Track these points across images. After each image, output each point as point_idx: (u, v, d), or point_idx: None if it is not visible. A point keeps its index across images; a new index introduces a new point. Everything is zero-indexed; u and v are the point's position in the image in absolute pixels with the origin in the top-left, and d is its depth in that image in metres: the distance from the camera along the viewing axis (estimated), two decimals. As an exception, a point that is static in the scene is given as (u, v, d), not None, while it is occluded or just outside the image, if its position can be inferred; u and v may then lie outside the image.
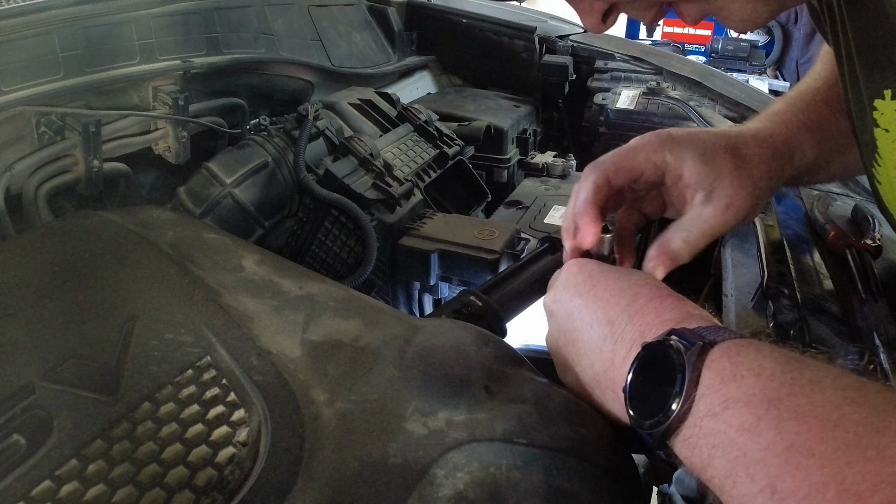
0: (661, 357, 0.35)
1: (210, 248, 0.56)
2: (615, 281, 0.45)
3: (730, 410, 0.31)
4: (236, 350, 0.43)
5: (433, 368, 0.43)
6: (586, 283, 0.46)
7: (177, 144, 0.87)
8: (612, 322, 0.41)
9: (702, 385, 0.33)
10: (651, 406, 0.35)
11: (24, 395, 0.38)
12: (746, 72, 3.17)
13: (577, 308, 0.45)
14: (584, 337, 0.43)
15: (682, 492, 0.53)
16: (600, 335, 0.42)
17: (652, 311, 0.40)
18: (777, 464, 0.27)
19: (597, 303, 0.43)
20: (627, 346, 0.39)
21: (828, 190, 0.87)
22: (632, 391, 0.37)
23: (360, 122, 0.96)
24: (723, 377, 0.32)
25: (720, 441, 0.30)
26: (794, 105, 0.58)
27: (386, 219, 0.79)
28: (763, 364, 0.32)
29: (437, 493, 0.35)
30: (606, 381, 0.41)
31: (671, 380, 0.34)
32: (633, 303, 0.41)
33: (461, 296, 0.56)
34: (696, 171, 0.49)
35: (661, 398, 0.34)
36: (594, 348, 0.42)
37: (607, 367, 0.41)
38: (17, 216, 0.72)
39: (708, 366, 0.33)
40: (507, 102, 1.32)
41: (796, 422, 0.28)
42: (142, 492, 0.33)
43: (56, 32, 0.76)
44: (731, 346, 0.34)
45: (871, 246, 0.64)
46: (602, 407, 0.42)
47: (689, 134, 0.51)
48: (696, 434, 0.32)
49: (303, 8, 1.17)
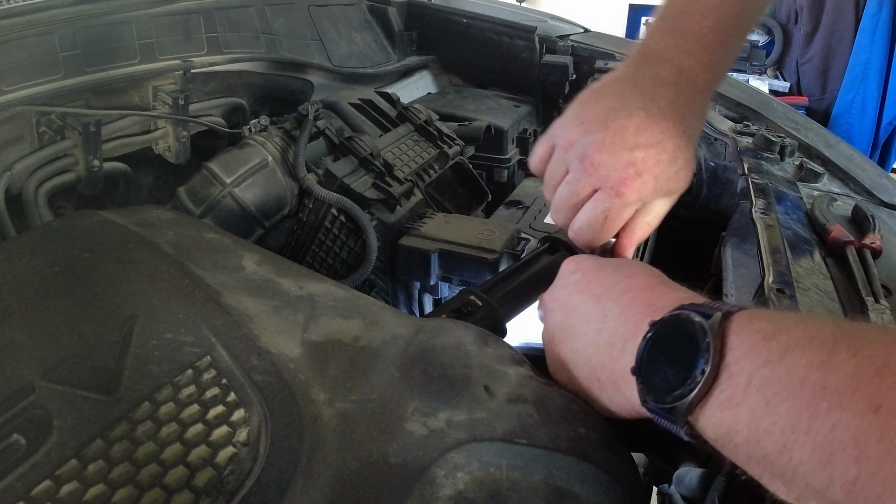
0: (674, 332, 0.35)
1: (210, 247, 0.56)
2: (609, 276, 0.45)
3: (791, 356, 0.29)
4: (236, 350, 0.43)
5: (433, 368, 0.43)
6: (582, 281, 0.46)
7: (177, 144, 0.87)
8: (605, 316, 0.42)
9: (734, 348, 0.31)
10: (666, 383, 0.34)
11: (24, 395, 0.38)
12: (746, 72, 3.17)
13: (573, 306, 0.45)
14: (580, 333, 0.43)
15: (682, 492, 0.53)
16: (595, 329, 0.42)
17: (643, 302, 0.40)
18: (874, 383, 0.26)
19: (591, 299, 0.44)
20: (623, 337, 0.39)
21: (828, 190, 0.87)
22: (642, 372, 0.36)
23: (361, 121, 0.96)
24: (765, 333, 0.31)
25: (784, 385, 0.28)
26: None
27: (386, 219, 0.79)
28: (798, 318, 0.31)
29: (437, 493, 0.34)
30: (605, 374, 0.41)
31: (690, 351, 0.32)
32: (623, 295, 0.42)
33: (461, 295, 0.56)
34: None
35: (679, 373, 0.33)
36: (590, 343, 0.42)
37: (604, 360, 0.41)
38: (17, 216, 0.72)
39: (737, 330, 0.32)
40: (507, 102, 1.32)
41: (875, 347, 0.27)
42: (141, 492, 0.33)
43: (56, 32, 0.76)
44: (754, 312, 0.33)
45: (871, 246, 0.64)
46: (600, 401, 0.42)
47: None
48: (739, 393, 0.30)
49: (303, 7, 1.17)
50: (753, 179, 0.84)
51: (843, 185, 0.91)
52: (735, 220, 0.79)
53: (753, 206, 0.75)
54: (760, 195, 0.79)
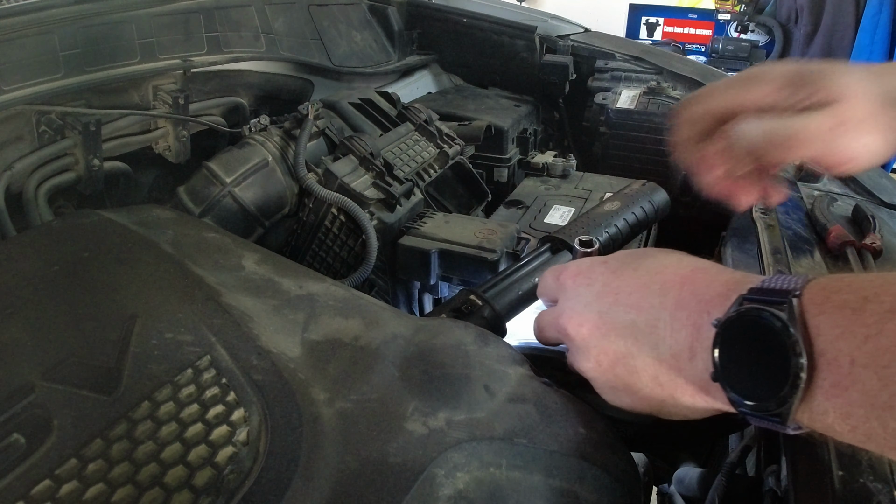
0: (748, 330, 0.32)
1: (210, 247, 0.56)
2: (633, 277, 0.41)
3: (891, 322, 0.27)
4: (236, 349, 0.43)
5: (433, 368, 0.43)
6: (606, 293, 0.42)
7: (177, 143, 0.87)
8: (655, 325, 0.38)
9: (823, 331, 0.30)
10: (761, 388, 0.31)
11: (23, 395, 0.38)
12: (747, 72, 3.17)
13: (611, 324, 0.40)
14: (632, 352, 0.39)
15: (682, 492, 0.53)
16: (649, 344, 0.38)
17: (690, 298, 0.37)
18: None
19: (629, 310, 0.40)
20: (686, 344, 0.36)
21: (828, 190, 0.87)
22: (725, 379, 0.33)
23: (361, 121, 0.96)
24: (851, 306, 0.29)
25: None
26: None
27: (386, 218, 0.79)
28: (873, 280, 0.30)
29: (437, 492, 0.34)
30: (678, 387, 0.37)
31: (776, 349, 0.30)
32: (664, 297, 0.38)
33: (461, 295, 0.56)
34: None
35: (772, 375, 0.31)
36: (650, 360, 0.38)
37: (673, 373, 0.37)
38: (18, 215, 0.72)
39: (817, 310, 0.30)
40: (507, 102, 1.32)
41: None
42: (141, 491, 0.33)
43: (56, 31, 0.76)
44: (823, 284, 0.31)
45: (871, 246, 0.64)
46: (678, 412, 0.39)
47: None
48: (845, 376, 0.29)
49: (303, 7, 1.17)
50: (753, 179, 0.84)
51: (844, 185, 0.91)
52: (735, 220, 0.79)
53: (754, 206, 0.75)
54: (760, 195, 0.79)
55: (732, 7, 3.35)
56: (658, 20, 3.56)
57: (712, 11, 3.42)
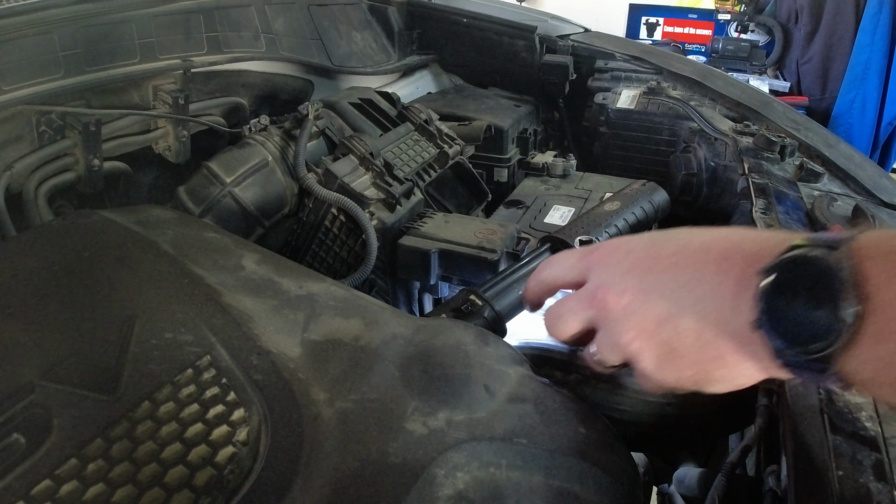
0: (798, 273, 0.31)
1: (210, 247, 0.56)
2: (669, 243, 0.40)
3: None
4: (236, 349, 0.43)
5: (433, 368, 0.43)
6: (642, 260, 0.40)
7: (177, 143, 0.87)
8: (699, 280, 0.37)
9: (872, 276, 0.29)
10: (807, 332, 0.31)
11: (23, 394, 0.38)
12: (747, 72, 3.16)
13: (650, 288, 0.39)
14: (675, 311, 0.38)
15: (682, 492, 0.53)
16: (692, 300, 0.37)
17: (735, 252, 0.36)
18: None
19: (668, 272, 0.39)
20: (729, 294, 0.35)
21: (828, 190, 0.87)
22: (769, 324, 0.32)
23: (361, 121, 0.96)
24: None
25: None
26: None
27: (386, 218, 0.79)
28: None
29: (437, 492, 0.34)
30: (723, 342, 0.36)
31: (827, 291, 0.30)
32: (706, 253, 0.37)
33: (461, 295, 0.56)
34: None
35: (821, 317, 0.30)
36: (693, 317, 0.37)
37: (717, 328, 0.36)
38: (18, 215, 0.72)
39: (868, 255, 0.29)
40: (507, 102, 1.32)
41: None
42: (141, 491, 0.33)
43: (56, 31, 0.76)
44: (871, 234, 0.31)
45: (871, 246, 0.64)
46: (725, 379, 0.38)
47: None
48: (891, 317, 0.28)
49: (303, 7, 1.17)
50: (754, 179, 0.84)
51: (844, 184, 0.91)
52: (735, 220, 0.79)
53: (754, 205, 0.75)
54: (761, 195, 0.79)
55: (732, 7, 3.34)
56: (658, 20, 3.56)
57: (712, 11, 3.42)
